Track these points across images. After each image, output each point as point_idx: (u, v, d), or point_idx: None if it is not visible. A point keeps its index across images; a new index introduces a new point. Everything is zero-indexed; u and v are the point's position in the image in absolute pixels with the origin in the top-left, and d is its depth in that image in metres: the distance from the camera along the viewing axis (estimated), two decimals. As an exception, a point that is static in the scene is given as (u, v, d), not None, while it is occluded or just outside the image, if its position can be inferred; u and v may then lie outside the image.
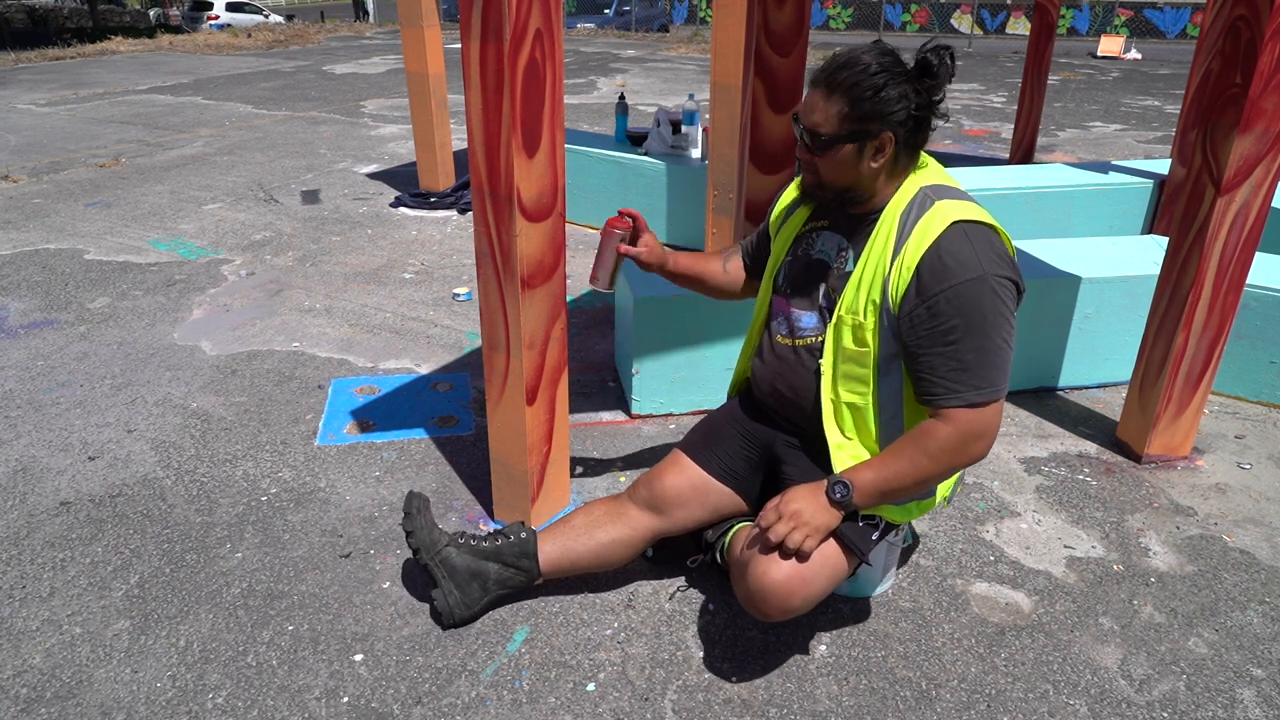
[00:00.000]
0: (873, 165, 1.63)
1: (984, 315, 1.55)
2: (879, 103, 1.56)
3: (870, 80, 1.55)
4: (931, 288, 1.57)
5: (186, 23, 22.52)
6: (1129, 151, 7.41)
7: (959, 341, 1.56)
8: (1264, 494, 2.51)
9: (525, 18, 1.74)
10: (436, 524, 1.98)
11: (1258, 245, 2.40)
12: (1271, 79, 2.18)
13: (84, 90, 9.78)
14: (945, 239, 1.57)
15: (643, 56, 14.03)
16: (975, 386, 1.57)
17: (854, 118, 1.58)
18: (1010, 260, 1.62)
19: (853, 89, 1.57)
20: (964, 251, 1.56)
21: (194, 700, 1.76)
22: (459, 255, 4.50)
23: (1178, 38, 22.27)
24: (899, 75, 1.57)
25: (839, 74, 1.58)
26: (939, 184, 1.67)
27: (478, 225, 1.97)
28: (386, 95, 9.70)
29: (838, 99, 1.59)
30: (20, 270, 4.17)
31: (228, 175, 6.03)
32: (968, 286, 1.54)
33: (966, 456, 1.61)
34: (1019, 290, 1.63)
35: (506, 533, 1.96)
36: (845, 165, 1.64)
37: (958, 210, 1.60)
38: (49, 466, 2.57)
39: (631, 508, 1.98)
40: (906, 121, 1.59)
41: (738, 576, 1.76)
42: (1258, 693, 1.82)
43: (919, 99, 1.58)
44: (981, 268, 1.55)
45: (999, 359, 1.57)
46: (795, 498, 1.68)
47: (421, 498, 1.98)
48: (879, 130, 1.59)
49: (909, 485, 1.64)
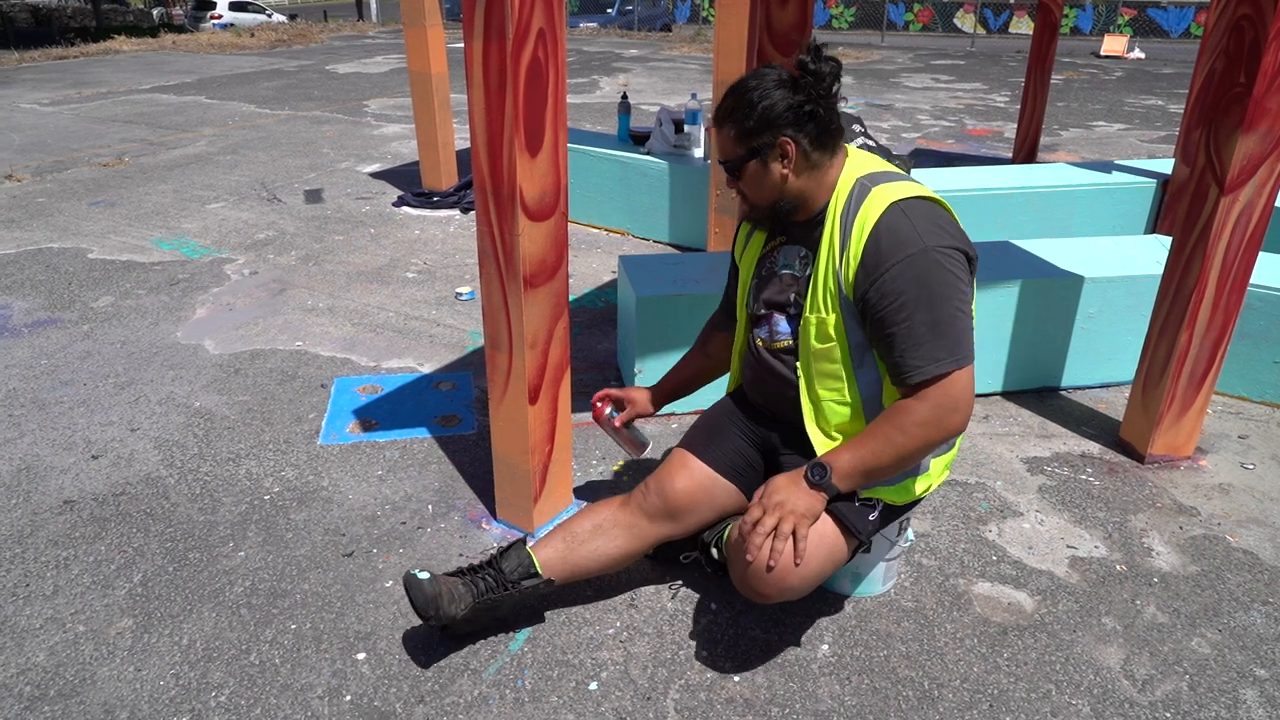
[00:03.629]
0: (784, 172, 1.70)
1: (931, 287, 1.57)
2: (762, 115, 1.65)
3: (747, 98, 1.66)
4: (876, 269, 1.60)
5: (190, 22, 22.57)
6: (1132, 151, 7.39)
7: (911, 317, 1.58)
8: (1267, 494, 2.51)
9: (528, 17, 1.74)
10: (445, 584, 1.80)
11: (1261, 245, 2.40)
12: (1275, 79, 2.18)
13: (87, 89, 9.80)
14: (883, 221, 1.61)
15: (645, 56, 14.03)
16: (935, 358, 1.57)
17: (745, 136, 1.68)
18: (954, 230, 1.65)
19: (734, 112, 1.68)
20: (902, 229, 1.60)
21: (197, 699, 1.77)
22: (461, 254, 4.51)
23: (1181, 37, 22.23)
24: (775, 83, 1.65)
25: (723, 105, 1.70)
26: (873, 171, 1.72)
27: (480, 224, 1.97)
28: (389, 95, 9.71)
29: (728, 127, 1.70)
30: (24, 269, 4.18)
31: (231, 174, 6.03)
32: (910, 262, 1.58)
33: (943, 430, 1.61)
34: (969, 258, 1.65)
35: (520, 585, 1.85)
36: (760, 181, 1.72)
37: (894, 191, 1.65)
38: (52, 465, 2.58)
39: (641, 519, 1.94)
40: (800, 121, 1.65)
41: (734, 560, 1.76)
42: (1261, 693, 1.82)
43: (803, 95, 1.63)
44: (922, 241, 1.58)
45: (955, 328, 1.59)
46: (776, 488, 1.70)
47: (427, 591, 1.77)
48: (773, 139, 1.66)
49: (888, 463, 1.64)
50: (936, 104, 9.80)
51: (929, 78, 12.20)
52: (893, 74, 12.56)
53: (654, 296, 2.76)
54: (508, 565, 1.86)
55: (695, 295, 2.80)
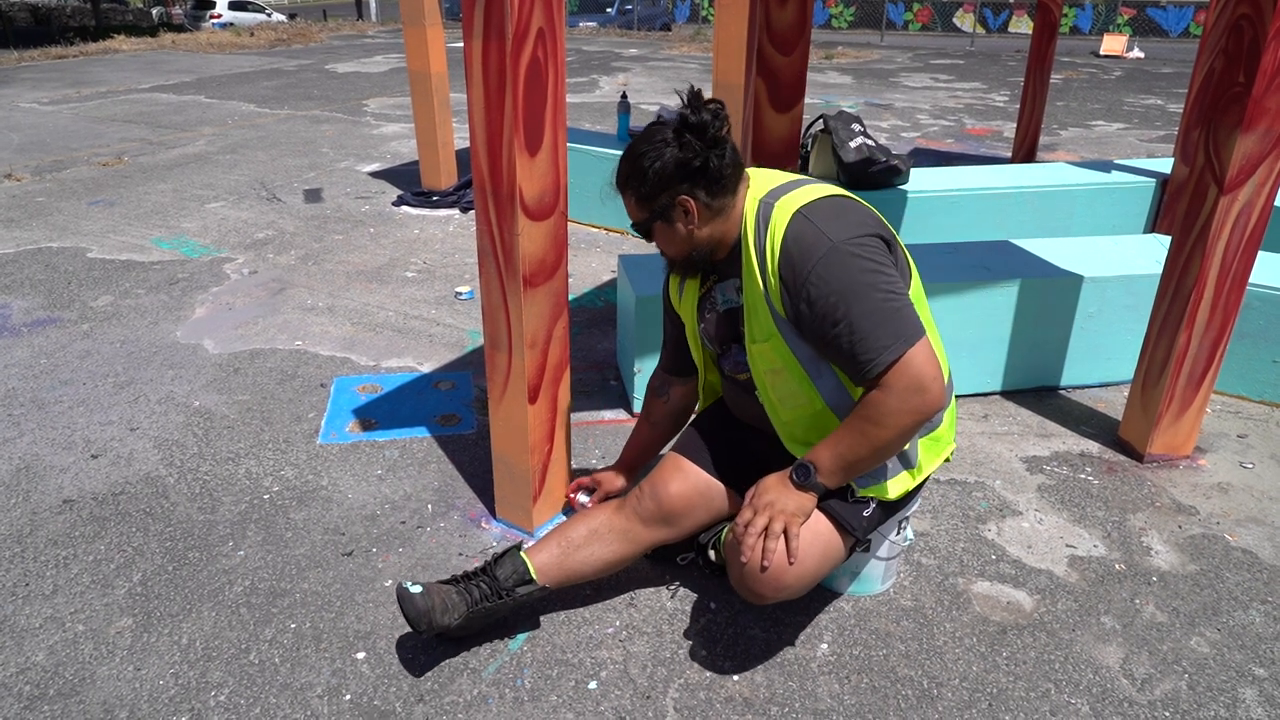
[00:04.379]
0: (690, 227, 1.72)
1: (853, 280, 1.58)
2: (656, 180, 1.68)
3: (638, 164, 1.69)
4: (796, 282, 1.61)
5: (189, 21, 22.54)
6: (1131, 150, 7.40)
7: (845, 315, 1.58)
8: (1266, 493, 2.51)
9: (527, 16, 1.74)
10: (438, 593, 1.80)
11: (1260, 244, 2.40)
12: (1274, 78, 2.18)
13: (87, 89, 9.80)
14: (789, 233, 1.63)
15: (645, 55, 14.03)
16: (884, 346, 1.57)
17: (644, 200, 1.73)
18: (862, 219, 1.66)
19: (629, 180, 1.73)
20: (807, 234, 1.61)
21: (196, 698, 1.77)
22: (461, 254, 4.51)
23: (1180, 36, 22.23)
24: (661, 144, 1.67)
25: (620, 172, 1.75)
26: (772, 188, 1.73)
27: (480, 224, 1.97)
28: (389, 94, 9.70)
29: (629, 193, 1.75)
30: (23, 269, 4.18)
31: (230, 174, 6.03)
32: (824, 263, 1.58)
33: (916, 412, 1.59)
34: (886, 241, 1.66)
35: (514, 592, 1.85)
36: (669, 238, 1.77)
37: (795, 200, 1.66)
38: (52, 464, 2.58)
39: (637, 523, 1.94)
40: (692, 176, 1.67)
41: (731, 561, 1.76)
42: (1260, 692, 1.82)
43: (689, 151, 1.65)
44: (829, 240, 1.59)
45: (890, 311, 1.58)
46: (765, 489, 1.71)
47: (420, 605, 1.76)
48: (671, 199, 1.69)
49: (867, 455, 1.64)
50: (936, 103, 9.80)
51: (928, 77, 12.20)
52: (892, 73, 12.56)
53: (653, 296, 2.76)
54: (502, 572, 1.85)
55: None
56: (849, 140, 4.01)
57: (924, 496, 2.44)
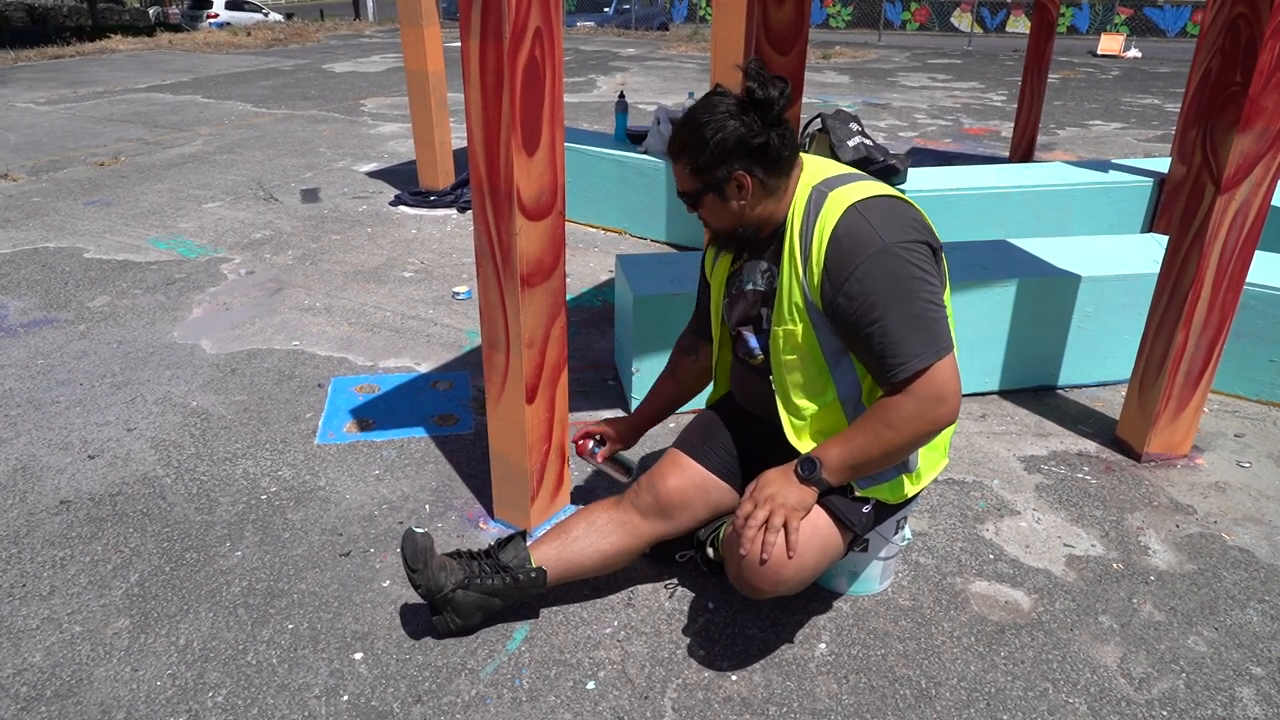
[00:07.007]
0: (741, 202, 1.70)
1: (897, 284, 1.57)
2: (715, 151, 1.64)
3: (699, 134, 1.65)
4: (840, 274, 1.60)
5: (186, 21, 22.49)
6: (1129, 150, 7.41)
7: (883, 316, 1.58)
8: (1263, 492, 2.51)
9: (525, 16, 1.74)
10: (439, 558, 1.87)
11: (1257, 244, 2.40)
12: (1271, 77, 2.18)
13: (83, 89, 9.78)
14: (841, 225, 1.61)
15: (642, 55, 14.03)
16: (915, 353, 1.57)
17: (700, 171, 1.69)
18: (915, 224, 1.65)
19: (687, 149, 1.68)
20: (861, 231, 1.60)
21: (194, 699, 1.76)
22: (459, 254, 4.50)
23: (1178, 36, 22.25)
24: (724, 116, 1.63)
25: (676, 139, 1.71)
26: (828, 177, 1.72)
27: (477, 224, 1.97)
28: (386, 94, 9.70)
29: (683, 161, 1.70)
30: (20, 269, 4.17)
31: (227, 174, 6.02)
32: (872, 262, 1.58)
33: (932, 422, 1.60)
34: (933, 249, 1.65)
35: (515, 571, 1.87)
36: (719, 211, 1.74)
37: (850, 194, 1.65)
38: (49, 465, 2.57)
39: (634, 515, 1.95)
40: (753, 153, 1.65)
41: (730, 553, 1.76)
42: (1257, 691, 1.82)
43: (752, 129, 1.63)
44: (881, 240, 1.58)
45: (928, 320, 1.58)
46: (767, 482, 1.71)
47: (420, 543, 1.85)
48: (728, 173, 1.66)
49: (876, 457, 1.64)
50: (933, 103, 9.81)
51: (926, 77, 12.20)
52: (890, 73, 12.56)
53: (651, 295, 2.76)
54: (505, 556, 1.88)
55: (692, 294, 2.78)
56: (846, 140, 4.01)
57: (922, 496, 2.44)
